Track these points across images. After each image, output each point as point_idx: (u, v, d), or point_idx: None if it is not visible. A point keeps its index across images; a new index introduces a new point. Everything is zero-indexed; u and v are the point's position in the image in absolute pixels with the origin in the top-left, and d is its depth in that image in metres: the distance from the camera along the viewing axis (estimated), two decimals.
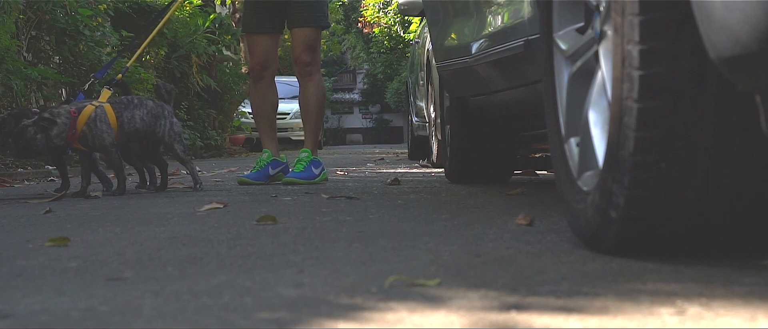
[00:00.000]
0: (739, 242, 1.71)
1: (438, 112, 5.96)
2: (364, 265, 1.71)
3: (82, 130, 3.94)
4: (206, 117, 13.87)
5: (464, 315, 1.24)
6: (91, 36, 8.62)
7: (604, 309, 1.25)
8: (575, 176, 1.91)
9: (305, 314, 1.27)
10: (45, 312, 1.33)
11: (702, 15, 1.33)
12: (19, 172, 6.59)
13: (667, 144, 1.52)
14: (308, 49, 4.74)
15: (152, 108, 4.15)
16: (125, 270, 1.74)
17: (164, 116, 4.18)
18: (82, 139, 3.96)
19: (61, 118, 3.91)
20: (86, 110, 3.97)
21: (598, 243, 1.74)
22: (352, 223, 2.52)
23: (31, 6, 8.00)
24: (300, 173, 4.72)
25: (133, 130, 4.10)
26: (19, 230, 2.60)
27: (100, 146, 4.00)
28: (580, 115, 1.91)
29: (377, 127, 40.70)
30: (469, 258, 1.78)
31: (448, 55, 3.88)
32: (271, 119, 4.97)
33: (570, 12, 2.07)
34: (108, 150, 4.01)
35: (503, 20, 3.10)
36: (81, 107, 3.99)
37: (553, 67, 2.10)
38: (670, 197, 1.57)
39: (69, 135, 3.92)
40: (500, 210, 2.83)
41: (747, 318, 1.19)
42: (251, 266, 1.74)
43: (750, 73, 1.28)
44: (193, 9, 13.27)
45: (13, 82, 7.15)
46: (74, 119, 3.93)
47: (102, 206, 3.46)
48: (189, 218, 2.83)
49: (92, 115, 3.96)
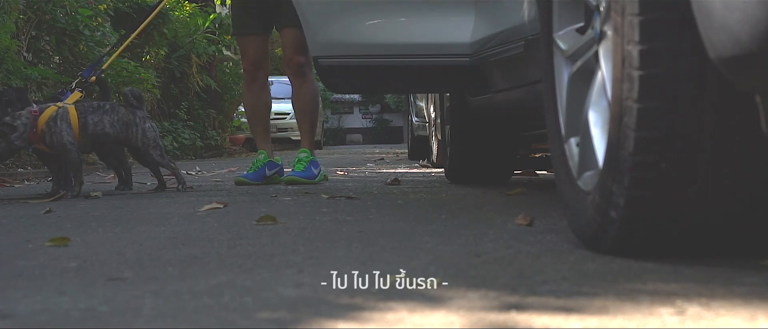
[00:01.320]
0: (739, 242, 1.71)
1: (438, 112, 5.96)
2: (364, 265, 1.71)
3: (42, 129, 3.97)
4: (206, 117, 13.87)
5: (464, 315, 1.24)
6: (91, 36, 8.62)
7: (603, 309, 1.25)
8: (575, 176, 1.91)
9: (305, 314, 1.27)
10: (45, 312, 1.33)
11: (702, 15, 1.33)
12: (19, 172, 6.59)
13: (667, 144, 1.52)
14: (300, 50, 4.73)
15: (123, 115, 4.15)
16: (125, 270, 1.74)
17: (135, 123, 4.17)
18: (42, 138, 3.99)
19: (21, 119, 3.96)
20: (48, 110, 4.02)
21: (598, 243, 1.74)
22: (352, 223, 2.52)
23: (31, 6, 8.00)
24: (301, 173, 4.72)
25: (100, 134, 4.11)
26: (19, 230, 2.60)
27: (59, 145, 4.01)
28: (580, 115, 1.91)
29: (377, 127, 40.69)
30: (469, 258, 1.78)
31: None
32: (264, 120, 4.98)
33: (570, 12, 2.07)
34: (66, 148, 4.02)
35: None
36: (44, 108, 4.04)
37: (553, 67, 2.10)
38: (670, 197, 1.57)
39: (30, 135, 3.96)
40: (500, 210, 2.83)
41: (747, 318, 1.19)
42: (251, 266, 1.74)
43: (750, 73, 1.28)
44: (193, 9, 13.27)
45: (13, 82, 7.14)
46: (35, 119, 3.96)
47: (102, 206, 3.46)
48: (189, 218, 2.83)
49: (53, 114, 4.00)
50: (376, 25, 3.65)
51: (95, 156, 8.55)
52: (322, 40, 3.66)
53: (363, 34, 3.63)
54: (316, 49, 3.69)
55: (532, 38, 2.78)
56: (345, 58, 3.67)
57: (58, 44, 8.51)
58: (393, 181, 4.70)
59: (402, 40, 3.64)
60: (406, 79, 3.86)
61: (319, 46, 3.68)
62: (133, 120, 4.17)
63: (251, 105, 4.97)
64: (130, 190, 4.45)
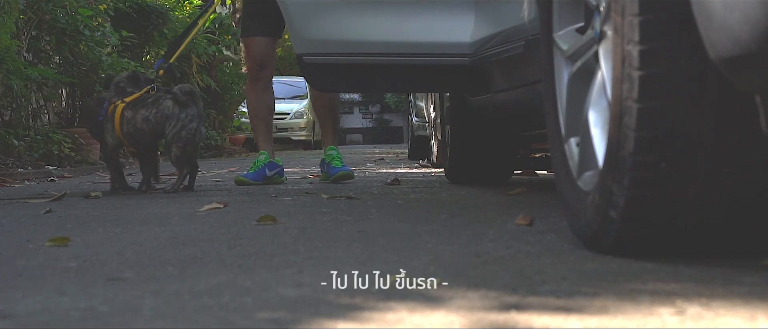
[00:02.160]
0: (739, 242, 1.71)
1: (438, 112, 5.96)
2: (364, 265, 1.71)
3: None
4: (206, 117, 13.87)
5: (464, 315, 1.24)
6: (91, 36, 8.62)
7: (603, 309, 1.25)
8: (575, 176, 1.91)
9: (305, 314, 1.27)
10: (45, 312, 1.33)
11: (702, 15, 1.33)
12: (19, 172, 6.59)
13: (667, 144, 1.52)
14: None
15: (165, 109, 4.14)
16: (125, 270, 1.74)
17: (179, 118, 4.13)
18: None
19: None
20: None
21: (598, 243, 1.74)
22: (352, 223, 2.52)
23: (31, 6, 8.00)
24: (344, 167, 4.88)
25: (133, 130, 4.18)
26: (19, 230, 2.60)
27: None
28: (580, 115, 1.91)
29: (377, 127, 40.66)
30: (469, 258, 1.78)
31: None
32: (267, 120, 5.00)
33: (570, 12, 2.07)
34: (103, 143, 4.36)
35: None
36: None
37: (553, 67, 2.10)
38: (670, 197, 1.57)
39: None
40: (500, 210, 2.83)
41: (747, 318, 1.19)
42: (251, 266, 1.74)
43: (750, 73, 1.28)
44: (193, 9, 13.27)
45: (13, 82, 7.15)
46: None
47: (102, 206, 3.46)
48: (189, 218, 2.83)
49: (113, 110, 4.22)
50: (374, 23, 3.64)
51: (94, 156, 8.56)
52: (307, 37, 3.66)
53: (357, 32, 3.63)
54: (300, 46, 3.69)
55: (532, 38, 2.79)
56: (336, 56, 3.67)
57: (58, 44, 8.51)
58: (393, 181, 4.70)
59: (400, 39, 3.63)
60: (404, 79, 3.86)
61: (305, 44, 3.68)
62: (176, 115, 4.12)
63: (254, 105, 4.98)
64: (159, 184, 4.42)
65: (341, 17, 3.64)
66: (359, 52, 3.66)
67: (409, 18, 3.65)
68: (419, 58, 3.66)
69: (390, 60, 3.67)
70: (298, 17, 3.65)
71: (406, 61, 3.67)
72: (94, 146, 8.66)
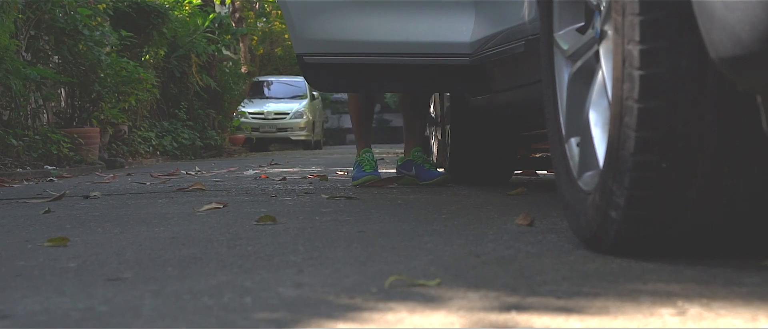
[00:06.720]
0: (740, 242, 1.71)
1: (438, 112, 5.96)
2: (364, 265, 1.71)
3: None
4: (206, 117, 13.87)
5: (464, 315, 1.23)
6: (90, 36, 8.62)
7: (604, 310, 1.25)
8: (575, 176, 1.91)
9: (305, 314, 1.27)
10: (44, 312, 1.33)
11: (703, 15, 1.33)
12: (18, 172, 6.58)
13: (667, 144, 1.52)
14: None
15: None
16: (125, 270, 1.73)
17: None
18: None
19: None
20: None
21: (599, 243, 1.74)
22: (352, 223, 2.52)
23: (30, 5, 8.00)
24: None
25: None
26: (18, 231, 2.60)
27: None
28: (580, 115, 1.91)
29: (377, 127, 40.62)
30: (469, 258, 1.78)
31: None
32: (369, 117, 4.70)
33: (570, 12, 2.07)
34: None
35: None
36: None
37: (553, 67, 2.10)
38: (670, 197, 1.56)
39: None
40: (500, 210, 2.83)
41: (748, 319, 1.18)
42: (251, 266, 1.74)
43: (750, 73, 1.28)
44: (193, 9, 13.27)
45: (12, 81, 7.14)
46: None
47: (102, 206, 3.46)
48: (189, 218, 2.82)
49: None
50: (374, 23, 3.64)
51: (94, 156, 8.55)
52: (307, 37, 3.66)
53: (358, 31, 3.63)
54: (300, 46, 3.69)
55: (532, 38, 2.79)
56: (336, 56, 3.67)
57: (57, 44, 8.51)
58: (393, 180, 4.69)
59: (401, 39, 3.63)
60: (405, 79, 3.85)
61: (305, 43, 3.68)
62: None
63: (360, 102, 4.61)
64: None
65: (341, 17, 3.64)
66: (359, 52, 3.66)
67: (409, 18, 3.65)
68: (419, 58, 3.66)
69: (390, 60, 3.67)
70: (298, 17, 3.65)
71: (406, 61, 3.67)
72: (94, 145, 8.67)
